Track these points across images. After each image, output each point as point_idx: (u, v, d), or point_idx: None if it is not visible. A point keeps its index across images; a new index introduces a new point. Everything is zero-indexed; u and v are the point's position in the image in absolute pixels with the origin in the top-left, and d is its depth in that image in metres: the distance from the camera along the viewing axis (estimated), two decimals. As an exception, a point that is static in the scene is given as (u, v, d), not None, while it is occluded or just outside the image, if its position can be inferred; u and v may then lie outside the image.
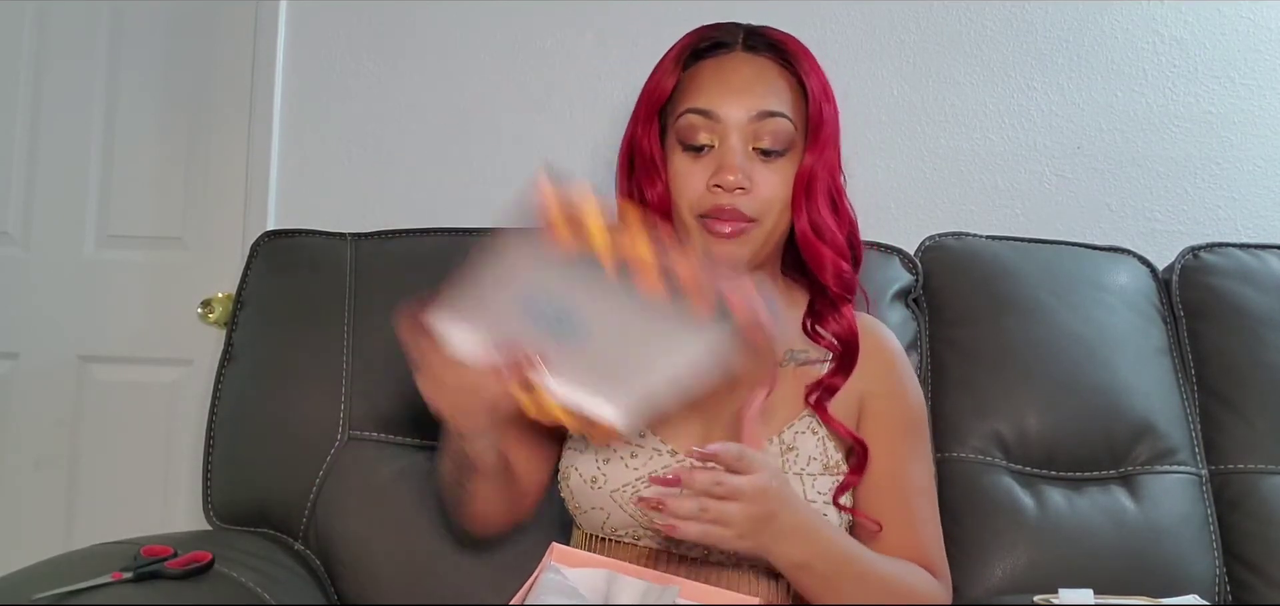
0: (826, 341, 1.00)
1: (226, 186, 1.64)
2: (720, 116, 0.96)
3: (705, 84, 0.98)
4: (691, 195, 0.96)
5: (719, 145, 0.96)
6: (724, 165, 0.94)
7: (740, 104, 0.96)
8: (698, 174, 0.96)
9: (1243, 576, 1.18)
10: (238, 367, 1.30)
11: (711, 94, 0.97)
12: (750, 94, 0.96)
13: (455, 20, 1.59)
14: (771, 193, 0.96)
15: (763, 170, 0.96)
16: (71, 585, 0.92)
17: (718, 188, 0.94)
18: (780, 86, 0.98)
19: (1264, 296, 1.27)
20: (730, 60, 0.99)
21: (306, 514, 1.22)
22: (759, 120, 0.96)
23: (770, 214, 0.96)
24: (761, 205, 0.96)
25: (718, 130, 0.96)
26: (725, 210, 0.94)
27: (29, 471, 1.68)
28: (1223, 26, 1.50)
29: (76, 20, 1.71)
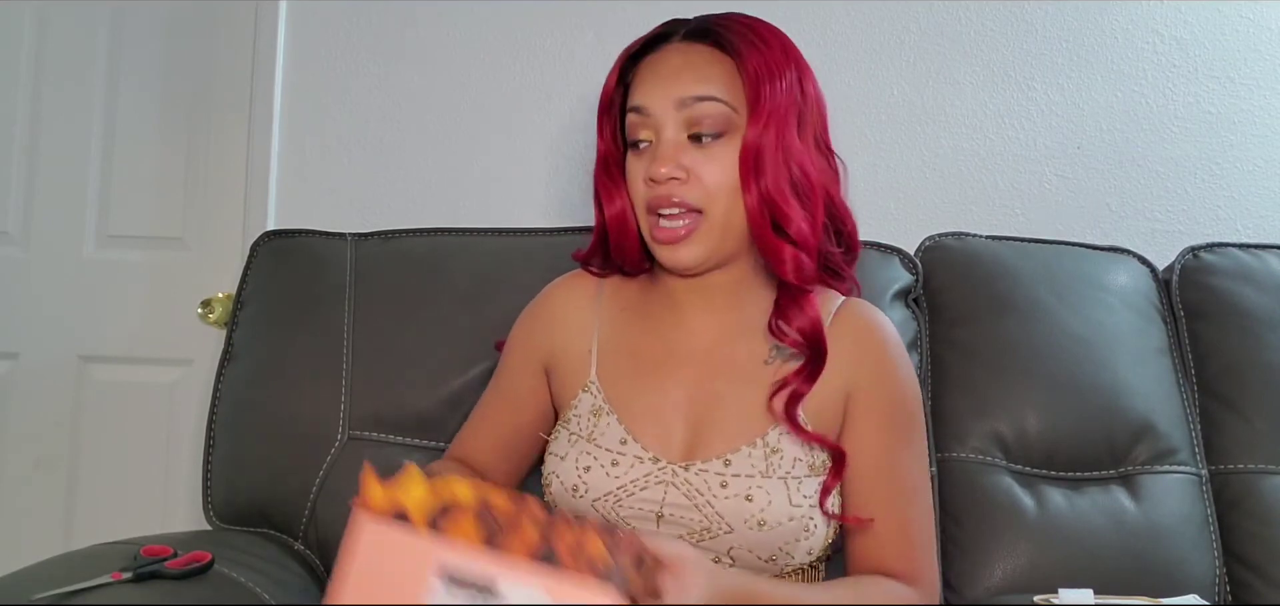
0: (792, 339, 0.95)
1: (226, 186, 1.64)
2: (651, 110, 0.94)
3: (640, 81, 0.97)
4: (639, 193, 0.95)
5: (655, 139, 0.94)
6: (656, 157, 0.93)
7: (666, 93, 0.93)
8: (640, 171, 0.95)
9: (1242, 576, 1.18)
10: (238, 367, 1.30)
11: (644, 89, 0.95)
12: (676, 81, 0.93)
13: (455, 20, 1.59)
14: (713, 179, 0.92)
15: (698, 157, 0.92)
16: (71, 585, 0.92)
17: (652, 181, 0.93)
18: (712, 70, 0.94)
19: (1264, 296, 1.27)
20: (663, 53, 0.97)
21: (306, 514, 1.22)
22: (686, 106, 0.92)
23: (718, 201, 0.92)
24: (704, 193, 0.92)
25: (651, 124, 0.94)
26: (667, 200, 0.92)
27: (29, 471, 1.68)
28: (1223, 26, 1.50)
29: (76, 20, 1.71)
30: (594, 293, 1.05)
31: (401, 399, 1.24)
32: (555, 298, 1.07)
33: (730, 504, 0.90)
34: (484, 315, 1.26)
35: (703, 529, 0.91)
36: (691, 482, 0.91)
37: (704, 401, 0.96)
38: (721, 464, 0.92)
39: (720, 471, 0.91)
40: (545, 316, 1.07)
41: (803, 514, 0.90)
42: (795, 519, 0.90)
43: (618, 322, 1.03)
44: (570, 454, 0.96)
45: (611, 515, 0.93)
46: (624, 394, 0.98)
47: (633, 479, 0.93)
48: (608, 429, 0.96)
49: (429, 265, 1.32)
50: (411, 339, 1.27)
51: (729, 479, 0.91)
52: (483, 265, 1.32)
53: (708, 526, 0.90)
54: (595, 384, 0.99)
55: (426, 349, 1.26)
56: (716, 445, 0.93)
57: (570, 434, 0.98)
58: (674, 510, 0.91)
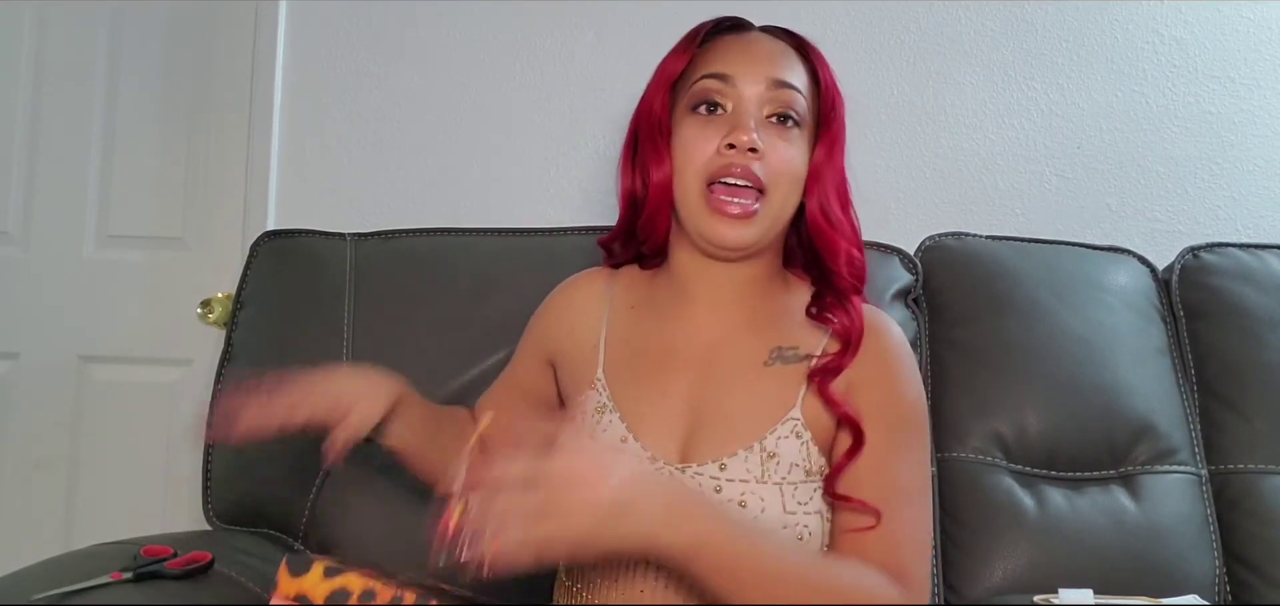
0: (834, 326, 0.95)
1: (226, 186, 1.64)
2: (737, 80, 0.94)
3: (722, 53, 0.96)
4: (701, 157, 0.93)
5: (733, 108, 0.94)
6: (738, 125, 0.92)
7: (758, 70, 0.94)
8: (709, 136, 0.93)
9: (1242, 576, 1.18)
10: (238, 368, 1.30)
11: (730, 60, 0.95)
12: (769, 62, 0.95)
13: (455, 20, 1.59)
14: (784, 163, 0.93)
15: (776, 139, 0.93)
16: (71, 585, 0.92)
17: (731, 148, 0.91)
18: (797, 66, 0.97)
19: (1264, 296, 1.27)
20: (748, 36, 0.99)
21: (306, 514, 1.22)
22: (775, 88, 0.94)
23: (780, 186, 0.93)
24: (773, 174, 0.93)
25: (732, 94, 0.94)
26: (736, 170, 0.91)
27: (29, 471, 1.68)
28: (1223, 26, 1.50)
29: (76, 20, 1.71)
30: (605, 288, 1.05)
31: (401, 399, 1.23)
32: (567, 294, 1.08)
33: None
34: (484, 315, 1.27)
35: None
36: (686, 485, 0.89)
37: (703, 402, 0.94)
38: (716, 467, 0.90)
39: (715, 476, 0.90)
40: (555, 312, 1.08)
41: (796, 521, 0.88)
42: (789, 527, 0.88)
43: (626, 319, 1.02)
44: None
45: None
46: (627, 391, 0.97)
47: None
48: (609, 426, 0.95)
49: (429, 265, 1.32)
50: (411, 339, 1.27)
51: (723, 484, 0.89)
52: (483, 265, 1.32)
53: None
54: (602, 381, 0.98)
55: (426, 349, 1.26)
56: (712, 448, 0.91)
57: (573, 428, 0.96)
58: None
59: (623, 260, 1.07)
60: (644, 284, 1.05)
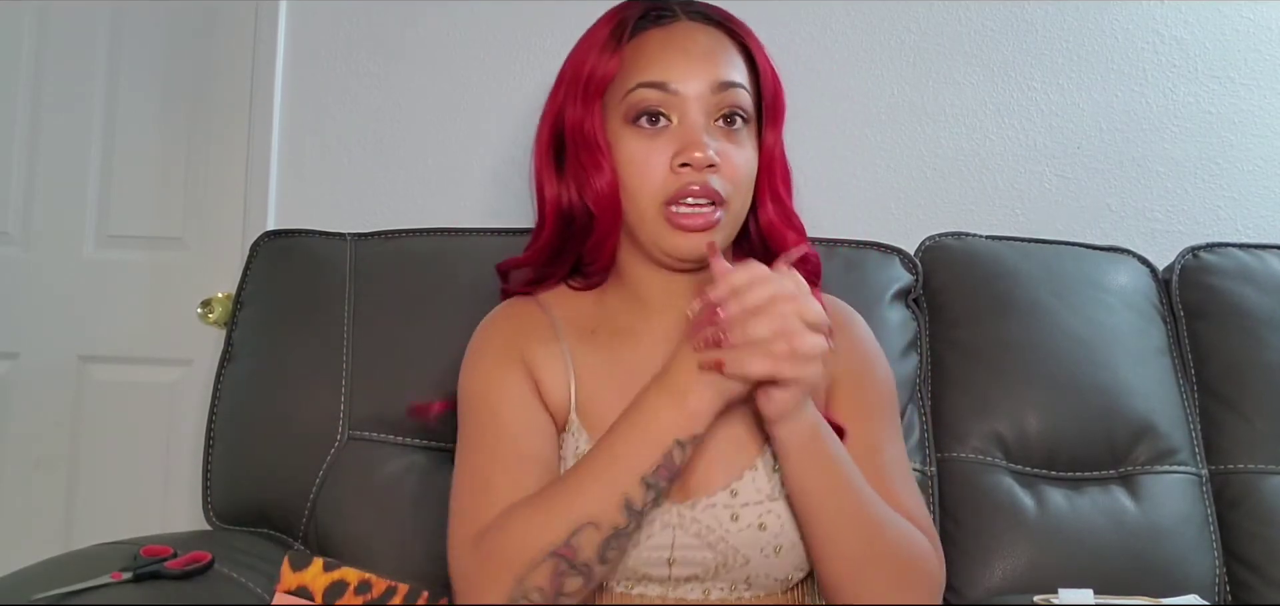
0: None
1: (226, 186, 1.64)
2: (679, 88, 0.86)
3: (656, 55, 0.88)
4: (654, 179, 0.86)
5: (680, 120, 0.86)
6: (690, 141, 0.85)
7: (701, 74, 0.87)
8: (657, 155, 0.86)
9: (1243, 576, 1.18)
10: (237, 368, 1.29)
11: (667, 64, 0.87)
12: (710, 63, 0.87)
13: (455, 20, 1.58)
14: (739, 169, 0.87)
15: (727, 145, 0.87)
16: (71, 585, 0.92)
17: (685, 167, 0.84)
18: (736, 58, 0.90)
19: (1264, 296, 1.27)
20: (680, 29, 0.90)
21: (306, 514, 1.22)
22: (721, 91, 0.87)
23: (739, 192, 0.88)
24: (731, 182, 0.87)
25: (676, 104, 0.86)
26: (694, 189, 0.85)
27: (29, 471, 1.68)
28: (1223, 26, 1.50)
29: (76, 20, 1.71)
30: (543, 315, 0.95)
31: (401, 399, 1.23)
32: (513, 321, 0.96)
33: (745, 536, 0.85)
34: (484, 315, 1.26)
35: (718, 565, 0.86)
36: (700, 520, 0.85)
37: None
38: (728, 494, 0.86)
39: (728, 503, 0.86)
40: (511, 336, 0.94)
41: None
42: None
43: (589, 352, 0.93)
44: None
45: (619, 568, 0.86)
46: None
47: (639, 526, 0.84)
48: None
49: (429, 265, 1.32)
50: (411, 339, 1.27)
51: (739, 510, 0.85)
52: (483, 265, 1.31)
53: (723, 562, 0.86)
54: (577, 426, 0.90)
55: (426, 349, 1.26)
56: (718, 476, 0.87)
57: None
58: (684, 551, 0.85)
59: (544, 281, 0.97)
60: (591, 305, 0.96)
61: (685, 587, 0.87)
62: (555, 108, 0.93)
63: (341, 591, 0.91)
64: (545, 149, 0.94)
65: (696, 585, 0.87)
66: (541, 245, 0.96)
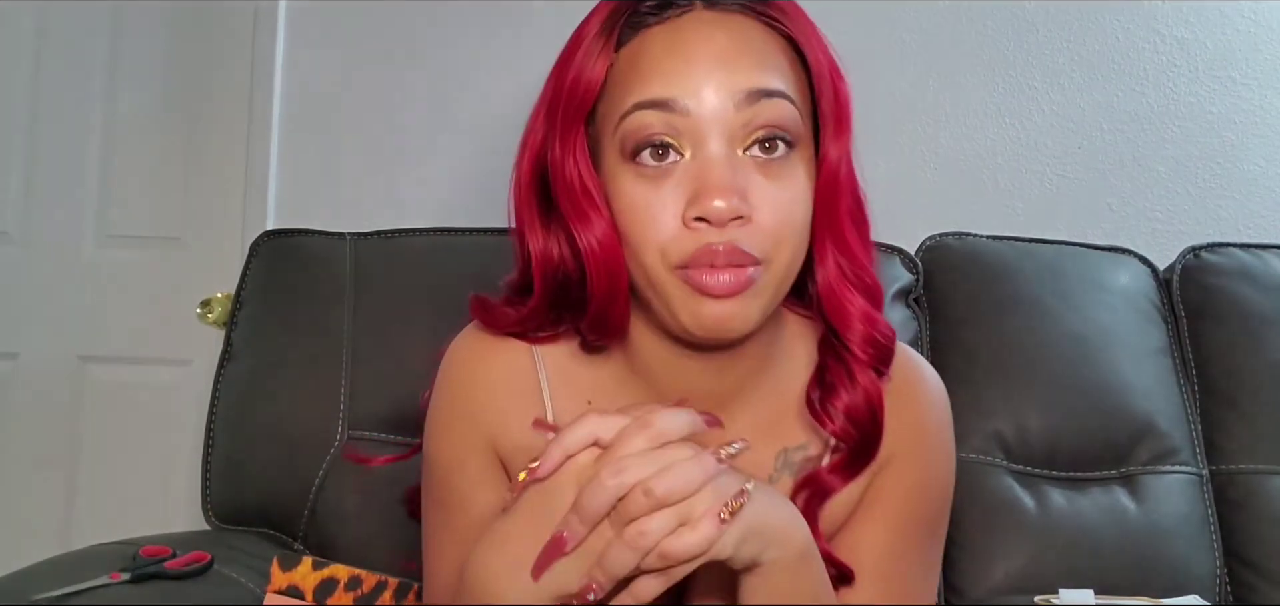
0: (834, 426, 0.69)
1: (226, 186, 1.64)
2: (688, 107, 0.62)
3: (657, 61, 0.64)
4: (661, 236, 0.63)
5: (694, 152, 0.63)
6: (707, 186, 0.61)
7: (719, 79, 0.62)
8: (664, 206, 0.62)
9: (1244, 576, 1.18)
10: (237, 367, 1.29)
11: (671, 71, 0.63)
12: (734, 66, 0.63)
13: (455, 20, 1.58)
14: (783, 217, 0.63)
15: (764, 185, 0.63)
16: (70, 586, 0.92)
17: (702, 222, 0.61)
18: (773, 56, 0.65)
19: (1265, 296, 1.27)
20: (692, 22, 0.64)
21: (306, 514, 1.22)
22: (751, 103, 0.62)
23: (784, 248, 0.64)
24: (769, 240, 0.63)
25: (688, 129, 0.62)
26: (718, 254, 0.61)
27: (28, 471, 1.68)
28: (1224, 26, 1.50)
29: (76, 20, 1.71)
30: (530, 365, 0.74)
31: (401, 399, 1.23)
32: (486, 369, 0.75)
33: None
34: (484, 315, 1.26)
35: None
36: None
37: None
38: None
39: None
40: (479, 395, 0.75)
41: None
42: None
43: None
44: None
45: None
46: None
47: None
48: None
49: (429, 265, 1.32)
50: (411, 339, 1.26)
51: None
52: (483, 265, 1.31)
53: None
54: None
55: (426, 349, 1.25)
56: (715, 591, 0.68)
57: None
58: None
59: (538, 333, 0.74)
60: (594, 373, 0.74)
61: None
62: (537, 137, 0.71)
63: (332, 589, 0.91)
64: (526, 189, 0.71)
65: None
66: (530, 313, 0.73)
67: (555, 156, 0.67)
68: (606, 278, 0.66)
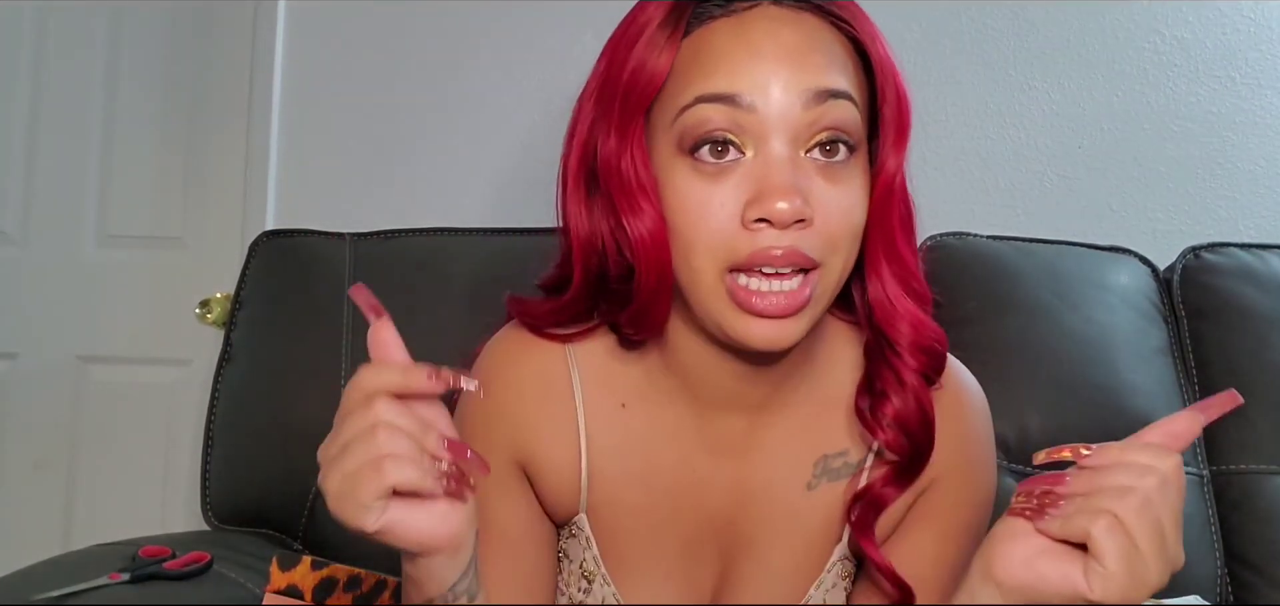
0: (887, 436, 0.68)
1: (225, 186, 1.64)
2: (754, 104, 0.60)
3: (723, 54, 0.62)
4: (717, 235, 0.61)
5: (757, 152, 0.61)
6: (770, 186, 0.59)
7: (787, 78, 0.61)
8: (722, 204, 0.61)
9: (1244, 577, 1.18)
10: (236, 368, 1.29)
11: (737, 66, 0.61)
12: (802, 65, 0.61)
13: (454, 20, 1.58)
14: (840, 223, 0.62)
15: (825, 188, 0.61)
16: (70, 586, 0.92)
17: (763, 223, 0.60)
18: (841, 56, 0.64)
19: (1266, 296, 1.27)
20: (759, 17, 0.63)
21: (305, 514, 1.22)
22: (817, 103, 0.61)
23: (838, 253, 0.63)
24: (827, 242, 0.62)
25: (752, 126, 0.61)
26: (775, 255, 0.60)
27: (28, 471, 1.68)
28: (1224, 26, 1.50)
29: (75, 20, 1.71)
30: (564, 369, 0.73)
31: (401, 399, 1.23)
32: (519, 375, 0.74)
33: None
34: (484, 315, 1.26)
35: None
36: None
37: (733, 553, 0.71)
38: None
39: None
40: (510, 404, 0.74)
41: None
42: None
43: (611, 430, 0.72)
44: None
45: None
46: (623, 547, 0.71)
47: None
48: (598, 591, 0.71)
49: (429, 265, 1.32)
50: (411, 339, 1.25)
51: None
52: (483, 265, 1.31)
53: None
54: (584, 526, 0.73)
55: (426, 349, 1.25)
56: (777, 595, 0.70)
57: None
58: None
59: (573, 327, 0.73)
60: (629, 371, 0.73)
61: None
62: (585, 125, 0.68)
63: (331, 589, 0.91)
64: (575, 180, 0.68)
65: None
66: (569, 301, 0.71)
67: (609, 148, 0.65)
68: (655, 269, 0.64)
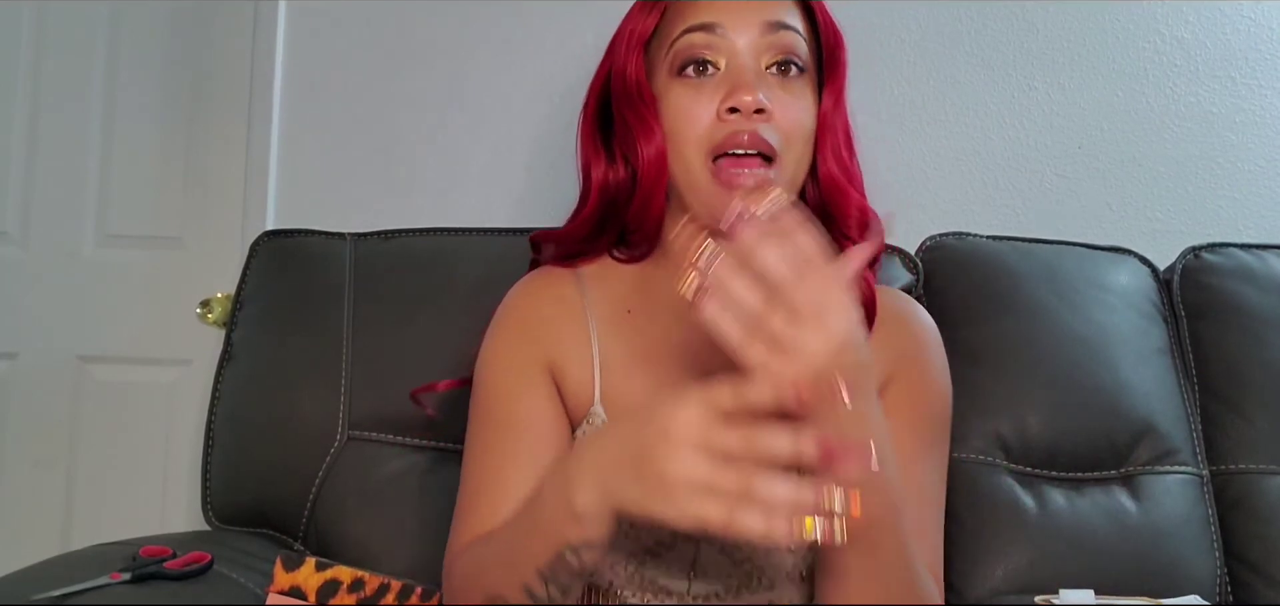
0: None
1: (225, 186, 1.63)
2: (726, 29, 0.81)
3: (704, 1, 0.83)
4: (700, 127, 0.80)
5: (727, 64, 0.81)
6: (738, 83, 0.79)
7: (750, 14, 0.82)
8: (704, 102, 0.80)
9: (1244, 577, 1.18)
10: (237, 368, 1.29)
11: (713, 6, 0.82)
12: (760, 6, 0.82)
13: (455, 20, 1.58)
14: (794, 121, 0.81)
15: (780, 93, 0.81)
16: (70, 586, 0.92)
17: (733, 113, 0.79)
18: (790, 4, 0.85)
19: (1265, 296, 1.27)
20: None
21: (306, 514, 1.22)
22: (773, 31, 0.82)
23: (793, 146, 0.81)
24: (783, 135, 0.80)
25: (724, 47, 0.81)
26: (743, 138, 0.78)
27: (28, 471, 1.68)
28: (1224, 26, 1.50)
29: (75, 20, 1.71)
30: (576, 291, 0.90)
31: (401, 399, 1.23)
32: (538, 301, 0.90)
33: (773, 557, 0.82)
34: (484, 315, 1.26)
35: (741, 583, 0.82)
36: None
37: None
38: None
39: None
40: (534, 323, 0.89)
41: None
42: None
43: (618, 331, 0.87)
44: None
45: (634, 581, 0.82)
46: None
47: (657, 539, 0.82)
48: None
49: (429, 265, 1.32)
50: (411, 339, 1.26)
51: None
52: (483, 265, 1.31)
53: (746, 582, 0.82)
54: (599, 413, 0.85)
55: (426, 349, 1.26)
56: None
57: None
58: (708, 565, 0.82)
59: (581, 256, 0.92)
60: (631, 281, 0.90)
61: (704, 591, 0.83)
62: (602, 74, 0.90)
63: (334, 590, 0.91)
64: (591, 118, 0.90)
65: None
66: (582, 220, 0.90)
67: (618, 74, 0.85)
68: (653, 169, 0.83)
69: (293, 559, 0.92)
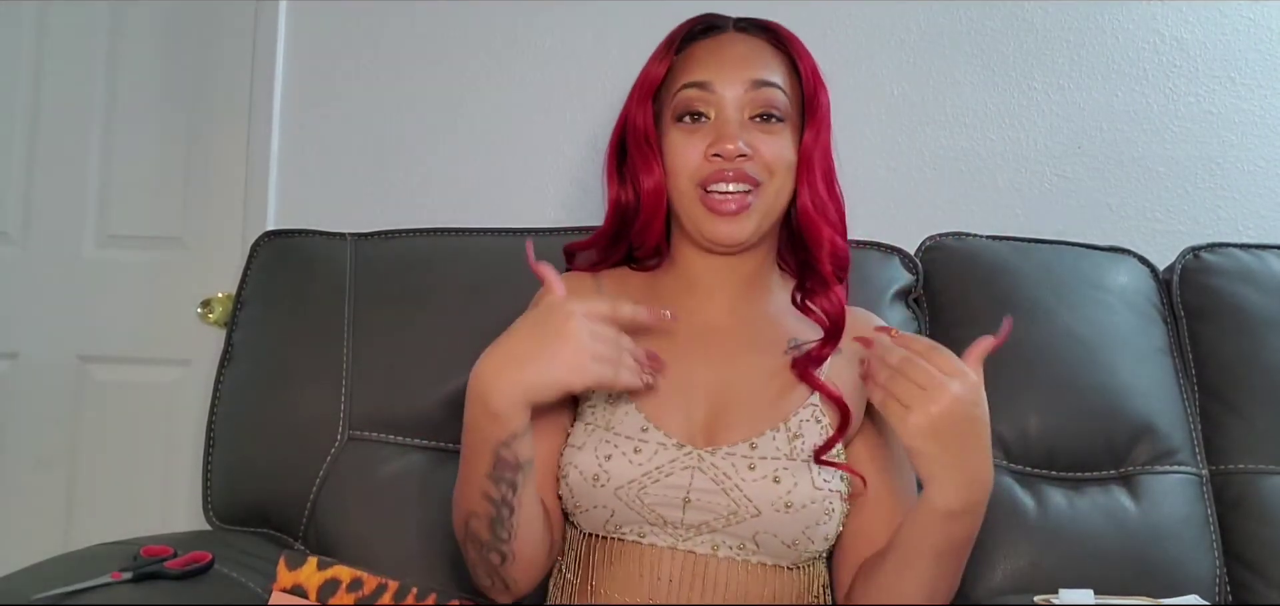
0: (816, 315, 1.01)
1: (226, 186, 1.64)
2: (716, 88, 0.97)
3: (700, 60, 1.00)
4: (691, 165, 0.97)
5: (716, 116, 0.98)
6: (722, 134, 0.96)
7: (736, 75, 0.98)
8: (695, 145, 0.97)
9: (1243, 577, 1.18)
10: (237, 368, 1.30)
11: (707, 67, 0.99)
12: (745, 65, 0.98)
13: (455, 20, 1.58)
14: (773, 156, 0.97)
15: (762, 137, 0.97)
16: (71, 585, 0.92)
17: (717, 157, 0.96)
18: (773, 62, 1.00)
19: (1265, 296, 1.27)
20: (724, 38, 1.02)
21: (306, 514, 1.22)
22: (755, 88, 0.97)
23: (775, 178, 0.98)
24: (763, 167, 0.97)
25: (714, 101, 0.98)
26: (727, 175, 0.96)
27: (29, 471, 1.68)
28: (1223, 26, 1.50)
29: (76, 20, 1.71)
30: (594, 288, 1.05)
31: (401, 399, 1.24)
32: None
33: (758, 486, 0.91)
34: (484, 315, 1.26)
35: (730, 512, 0.91)
36: (718, 466, 0.92)
37: (726, 384, 0.97)
38: (747, 447, 0.93)
39: (747, 454, 0.92)
40: None
41: (824, 496, 0.92)
42: (818, 501, 0.91)
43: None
44: (588, 443, 0.95)
45: (634, 503, 0.92)
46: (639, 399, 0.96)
47: (657, 466, 0.92)
48: (626, 417, 0.95)
49: (429, 265, 1.32)
50: (411, 339, 1.27)
51: (756, 461, 0.92)
52: (483, 265, 1.32)
53: (735, 510, 0.91)
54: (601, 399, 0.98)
55: (426, 349, 1.26)
56: (741, 428, 0.94)
57: (586, 425, 0.97)
58: (700, 495, 0.92)
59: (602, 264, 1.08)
60: (642, 282, 1.07)
61: (695, 539, 0.93)
62: (623, 115, 1.05)
63: (334, 589, 0.92)
64: (613, 150, 1.06)
65: (707, 537, 0.92)
66: (601, 233, 1.07)
67: (631, 121, 1.02)
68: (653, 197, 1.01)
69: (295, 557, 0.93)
